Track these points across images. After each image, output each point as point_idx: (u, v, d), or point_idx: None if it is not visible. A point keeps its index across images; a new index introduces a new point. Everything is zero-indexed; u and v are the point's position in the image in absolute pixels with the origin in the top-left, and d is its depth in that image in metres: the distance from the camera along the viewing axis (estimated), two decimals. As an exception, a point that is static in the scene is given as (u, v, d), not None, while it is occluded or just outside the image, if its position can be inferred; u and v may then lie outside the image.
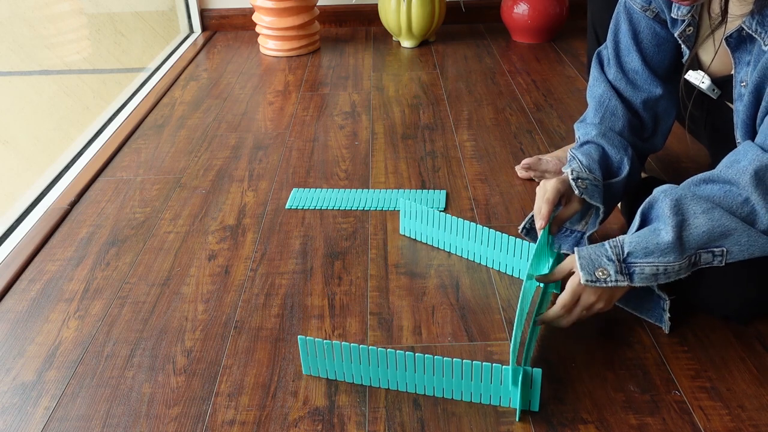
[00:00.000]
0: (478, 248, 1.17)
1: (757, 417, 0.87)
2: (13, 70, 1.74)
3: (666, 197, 0.91)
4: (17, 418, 0.90)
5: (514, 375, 0.86)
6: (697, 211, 0.89)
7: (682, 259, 0.89)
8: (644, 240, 0.90)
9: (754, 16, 0.91)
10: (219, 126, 1.76)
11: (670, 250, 0.88)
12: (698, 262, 0.91)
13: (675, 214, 0.89)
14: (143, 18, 2.45)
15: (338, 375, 0.94)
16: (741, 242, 0.88)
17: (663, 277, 0.89)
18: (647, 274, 0.89)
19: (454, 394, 0.90)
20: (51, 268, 1.21)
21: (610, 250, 0.91)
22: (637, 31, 1.10)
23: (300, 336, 0.92)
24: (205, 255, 1.23)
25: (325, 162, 1.55)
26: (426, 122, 1.74)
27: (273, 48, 2.30)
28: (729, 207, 0.89)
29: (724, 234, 0.88)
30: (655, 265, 0.89)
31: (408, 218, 1.24)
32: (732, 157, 0.92)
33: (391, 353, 0.89)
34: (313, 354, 0.93)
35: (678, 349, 0.98)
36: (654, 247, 0.89)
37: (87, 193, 1.45)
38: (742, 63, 0.97)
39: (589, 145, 1.11)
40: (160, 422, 0.89)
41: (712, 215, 0.88)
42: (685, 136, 1.39)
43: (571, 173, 1.05)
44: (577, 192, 1.03)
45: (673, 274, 0.90)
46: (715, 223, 0.88)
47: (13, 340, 1.04)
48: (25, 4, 1.83)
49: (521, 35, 2.36)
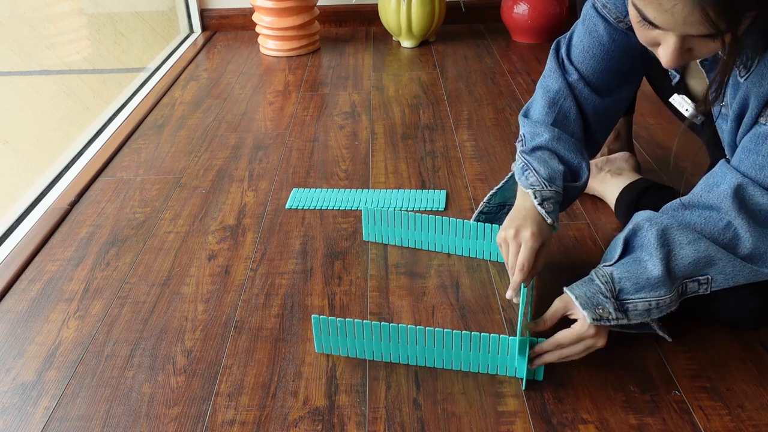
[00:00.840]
0: (445, 239, 1.19)
1: (757, 417, 0.87)
2: (13, 70, 1.75)
3: (651, 227, 0.88)
4: (17, 418, 0.90)
5: (521, 345, 0.89)
6: (683, 241, 0.87)
7: (672, 291, 0.87)
8: (634, 274, 0.87)
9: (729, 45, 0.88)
10: (219, 126, 1.76)
11: (661, 284, 0.87)
12: (685, 291, 0.90)
13: (661, 246, 0.87)
14: (143, 18, 2.45)
15: (350, 351, 0.98)
16: (726, 271, 0.87)
17: (656, 311, 0.88)
18: (641, 310, 0.87)
19: (462, 365, 0.94)
20: (51, 268, 1.21)
21: (603, 286, 0.88)
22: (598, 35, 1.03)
23: (314, 315, 0.96)
24: (205, 255, 1.23)
25: (325, 162, 1.55)
26: (426, 122, 1.74)
27: (273, 48, 2.30)
28: (712, 234, 0.87)
29: (709, 263, 0.87)
30: (647, 300, 0.87)
31: (371, 224, 1.24)
32: (710, 180, 0.90)
33: (402, 327, 0.93)
34: (326, 332, 0.96)
35: (678, 349, 0.98)
36: (645, 282, 0.87)
37: (87, 193, 1.45)
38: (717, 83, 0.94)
39: (543, 152, 1.04)
40: (160, 422, 0.89)
41: (698, 246, 0.86)
42: (684, 135, 1.39)
43: (534, 197, 0.99)
44: (549, 220, 0.99)
45: (665, 307, 0.88)
46: (701, 253, 0.86)
47: (13, 340, 1.04)
48: (25, 4, 1.83)
49: (521, 35, 2.36)
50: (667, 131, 1.61)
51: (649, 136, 1.59)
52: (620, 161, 1.35)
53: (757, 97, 0.86)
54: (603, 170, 1.34)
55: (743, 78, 0.88)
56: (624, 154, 1.36)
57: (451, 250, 1.20)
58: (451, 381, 0.94)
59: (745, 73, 0.88)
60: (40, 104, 1.84)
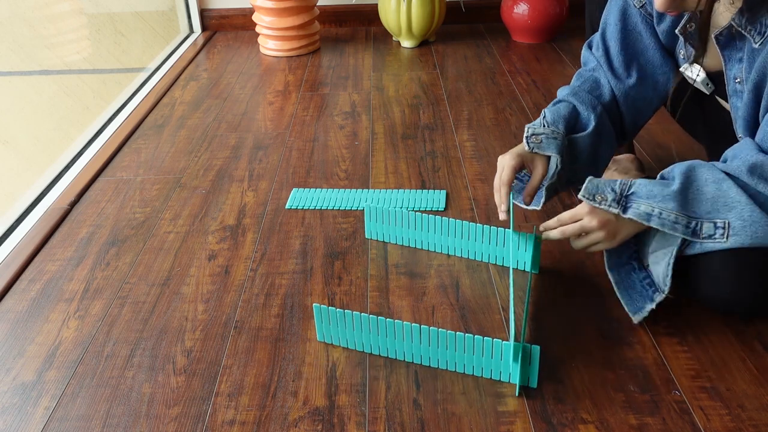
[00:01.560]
0: (447, 240, 1.19)
1: (757, 417, 0.87)
2: (13, 70, 1.75)
3: (682, 164, 0.94)
4: (17, 418, 0.90)
5: (515, 351, 0.89)
6: (708, 178, 0.91)
7: (681, 213, 0.90)
8: (652, 185, 0.92)
9: (744, 13, 0.91)
10: (219, 126, 1.76)
11: (672, 198, 0.90)
12: (699, 231, 0.91)
13: (686, 176, 0.92)
14: (143, 18, 2.45)
15: (349, 343, 0.99)
16: (744, 216, 0.88)
17: (656, 220, 0.91)
18: (641, 211, 0.91)
19: (457, 366, 0.94)
20: (51, 268, 1.21)
21: (618, 185, 0.94)
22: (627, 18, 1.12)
23: (315, 304, 0.97)
24: (205, 255, 1.23)
25: (325, 162, 1.55)
26: (426, 122, 1.74)
27: (273, 48, 2.30)
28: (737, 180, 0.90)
29: (728, 205, 0.89)
30: (652, 206, 0.91)
31: (372, 221, 1.24)
32: (730, 153, 0.95)
33: (399, 324, 0.93)
34: (327, 321, 0.98)
35: (678, 349, 0.98)
36: (658, 192, 0.91)
37: (87, 193, 1.45)
38: (733, 60, 0.97)
39: (560, 104, 1.15)
40: (160, 422, 0.89)
41: (720, 185, 0.90)
42: (684, 135, 1.40)
43: (526, 130, 1.10)
44: (527, 148, 1.07)
45: (668, 223, 0.90)
46: (722, 192, 0.89)
47: (13, 340, 1.04)
48: (25, 4, 1.83)
49: (521, 35, 2.36)
50: (667, 131, 1.61)
51: (649, 136, 1.59)
52: (626, 162, 1.36)
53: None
54: (610, 169, 1.35)
55: (758, 44, 0.90)
56: (629, 156, 1.38)
57: (452, 252, 1.20)
58: (451, 381, 0.94)
59: (760, 40, 0.90)
60: (40, 104, 1.84)
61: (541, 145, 1.08)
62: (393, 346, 0.96)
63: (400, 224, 1.21)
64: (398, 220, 1.21)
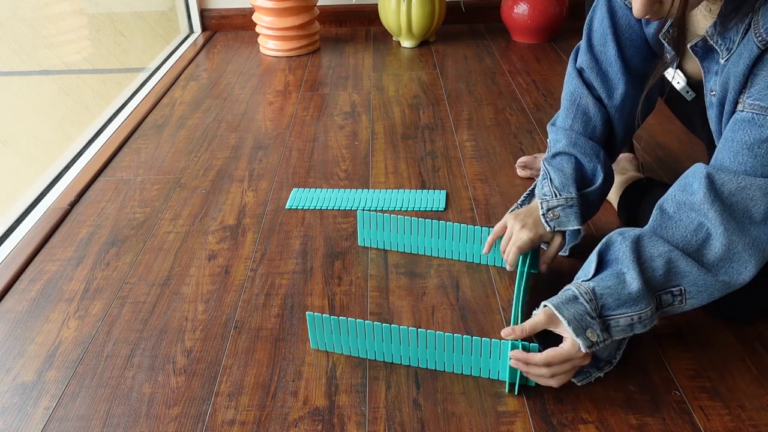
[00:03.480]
0: (443, 243, 1.18)
1: (757, 417, 0.87)
2: (13, 70, 1.75)
3: (624, 240, 0.88)
4: (17, 418, 0.90)
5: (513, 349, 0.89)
6: (653, 253, 0.87)
7: (650, 302, 0.86)
8: (614, 290, 0.86)
9: (716, 27, 0.89)
10: (219, 126, 1.76)
11: (641, 298, 0.85)
12: (660, 304, 0.88)
13: (636, 259, 0.86)
14: (143, 18, 2.45)
15: (343, 349, 0.98)
16: (698, 284, 0.87)
17: (639, 326, 0.86)
18: (623, 325, 0.86)
19: (454, 367, 0.94)
20: (51, 268, 1.21)
21: (587, 305, 0.85)
22: (615, 19, 1.06)
23: (308, 312, 0.96)
24: (205, 255, 1.23)
25: (325, 162, 1.55)
26: (426, 122, 1.74)
27: (273, 48, 2.30)
28: (683, 239, 0.87)
29: (679, 274, 0.87)
30: (629, 315, 0.86)
31: (365, 228, 1.22)
32: (683, 180, 0.91)
33: (394, 328, 0.93)
34: (320, 329, 0.97)
35: (678, 349, 0.98)
36: (626, 297, 0.85)
37: (87, 193, 1.45)
38: (711, 72, 0.95)
39: (561, 157, 1.09)
40: (160, 422, 0.89)
41: (667, 257, 0.86)
42: (684, 135, 1.39)
43: (540, 205, 1.05)
44: (549, 228, 1.04)
45: (647, 321, 0.86)
46: (671, 265, 0.86)
47: (13, 340, 1.04)
48: (25, 4, 1.83)
49: (521, 35, 2.36)
50: (667, 131, 1.61)
51: (649, 136, 1.59)
52: (624, 162, 1.36)
53: (735, 78, 0.87)
54: None
55: (724, 59, 0.89)
56: (627, 155, 1.37)
57: (449, 255, 1.19)
58: (451, 381, 0.94)
59: (727, 55, 0.89)
60: (40, 104, 1.84)
61: (560, 220, 1.04)
62: (390, 351, 0.96)
63: (395, 230, 1.20)
64: (392, 225, 1.20)
